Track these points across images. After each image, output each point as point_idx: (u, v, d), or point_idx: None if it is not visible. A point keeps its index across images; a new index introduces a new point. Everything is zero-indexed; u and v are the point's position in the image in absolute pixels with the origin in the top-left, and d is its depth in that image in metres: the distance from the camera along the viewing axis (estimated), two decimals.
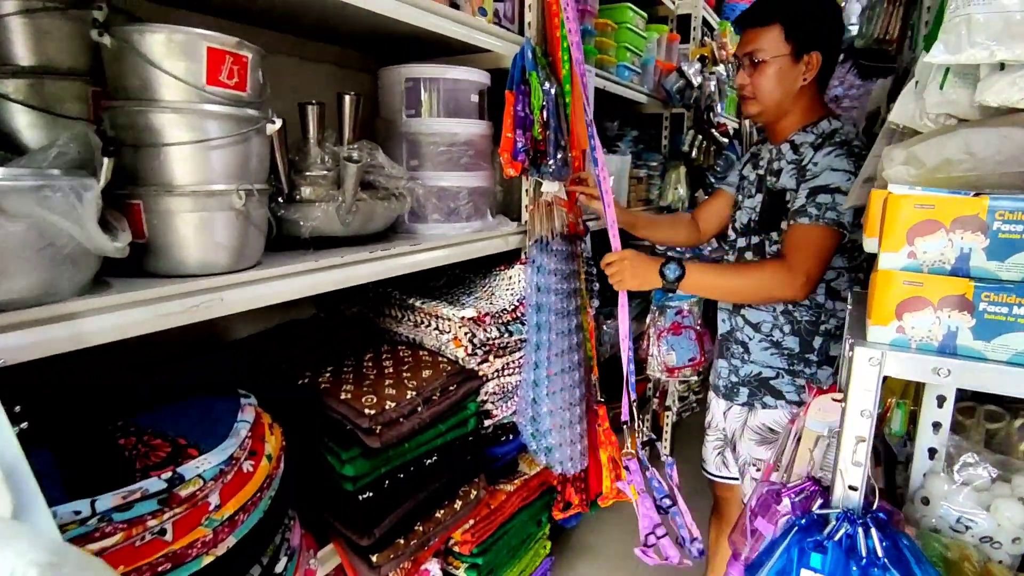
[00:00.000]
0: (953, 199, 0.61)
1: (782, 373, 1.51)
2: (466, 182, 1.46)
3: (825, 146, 1.36)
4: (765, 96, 1.44)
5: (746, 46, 1.44)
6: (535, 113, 1.49)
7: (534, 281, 1.49)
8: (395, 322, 1.52)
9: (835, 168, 1.32)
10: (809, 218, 1.32)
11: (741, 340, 1.57)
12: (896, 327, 0.64)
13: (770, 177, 1.49)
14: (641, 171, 2.65)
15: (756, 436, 1.56)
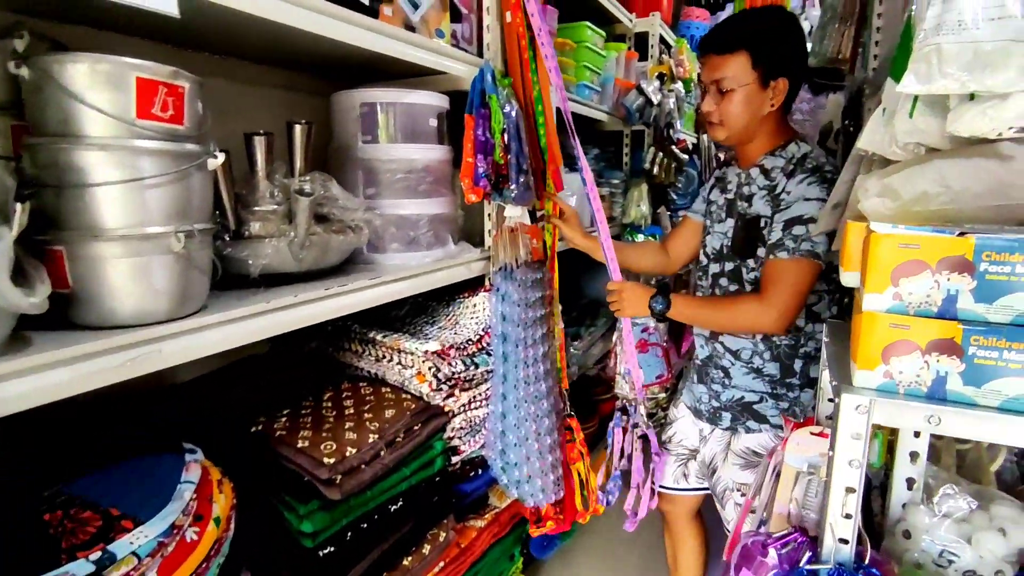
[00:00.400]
0: (938, 239, 0.59)
1: (765, 397, 1.50)
2: (426, 209, 1.40)
3: (797, 173, 1.37)
4: (733, 122, 1.44)
5: (712, 73, 1.42)
6: (496, 137, 1.45)
7: (499, 310, 1.44)
8: (356, 357, 1.44)
9: (808, 197, 1.33)
10: (787, 252, 1.33)
11: (722, 366, 1.56)
12: (883, 372, 0.61)
13: (741, 202, 1.49)
14: (604, 189, 2.64)
15: (740, 460, 1.54)
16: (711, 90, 1.44)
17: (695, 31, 3.64)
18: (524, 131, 1.56)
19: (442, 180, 1.45)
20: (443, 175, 1.46)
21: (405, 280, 1.31)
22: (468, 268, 1.53)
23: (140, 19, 0.96)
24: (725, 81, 1.40)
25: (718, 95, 1.42)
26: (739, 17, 1.49)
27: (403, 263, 1.38)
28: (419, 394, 1.32)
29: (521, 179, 1.49)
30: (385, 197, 1.37)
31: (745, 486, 1.52)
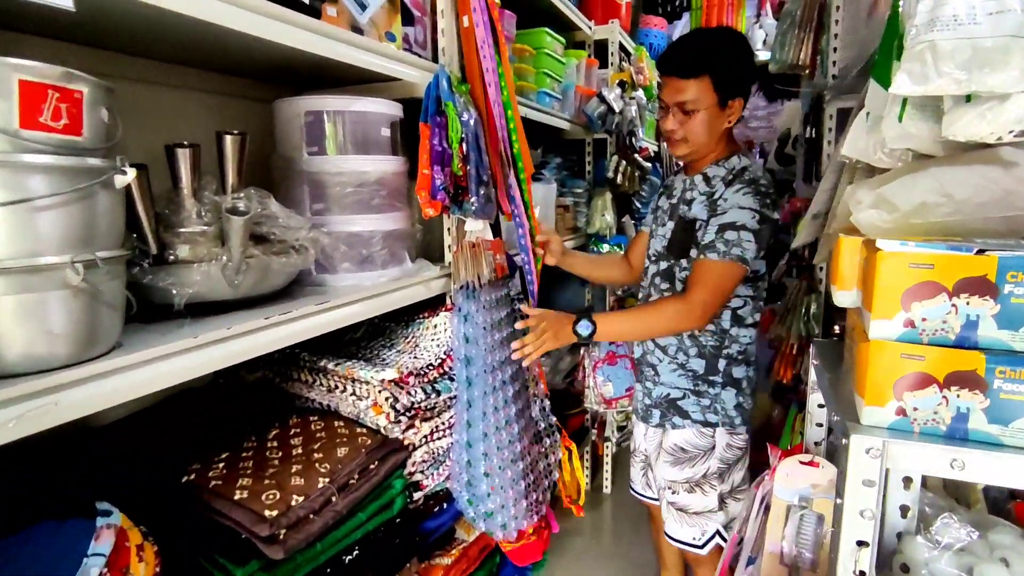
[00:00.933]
0: (955, 257, 0.52)
1: (688, 393, 1.58)
2: (380, 225, 1.30)
3: (735, 183, 1.46)
4: (695, 140, 1.51)
5: (676, 95, 1.48)
6: (454, 147, 1.36)
7: (461, 332, 1.34)
8: (306, 387, 1.32)
9: (742, 206, 1.42)
10: (717, 254, 1.42)
11: (652, 363, 1.64)
12: (895, 408, 0.54)
13: (683, 206, 1.58)
14: (567, 199, 2.58)
15: (669, 457, 1.61)
16: (674, 110, 1.50)
17: (653, 39, 3.63)
18: (484, 140, 1.47)
19: (397, 193, 1.35)
20: (398, 188, 1.36)
21: (358, 303, 1.20)
22: (427, 287, 1.43)
23: (37, 15, 0.83)
24: (689, 103, 1.47)
25: (681, 115, 1.49)
26: (698, 39, 1.54)
27: (356, 284, 1.27)
28: (376, 427, 1.21)
29: (481, 191, 1.40)
30: (334, 213, 1.26)
31: (675, 483, 1.60)
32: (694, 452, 1.58)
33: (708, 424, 1.57)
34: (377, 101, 1.28)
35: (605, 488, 3.17)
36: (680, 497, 1.60)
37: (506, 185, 1.54)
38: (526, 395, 1.61)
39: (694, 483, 1.58)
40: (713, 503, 1.58)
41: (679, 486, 1.59)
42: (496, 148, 1.51)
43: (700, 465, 1.58)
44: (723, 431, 1.57)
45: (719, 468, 1.57)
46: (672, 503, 1.61)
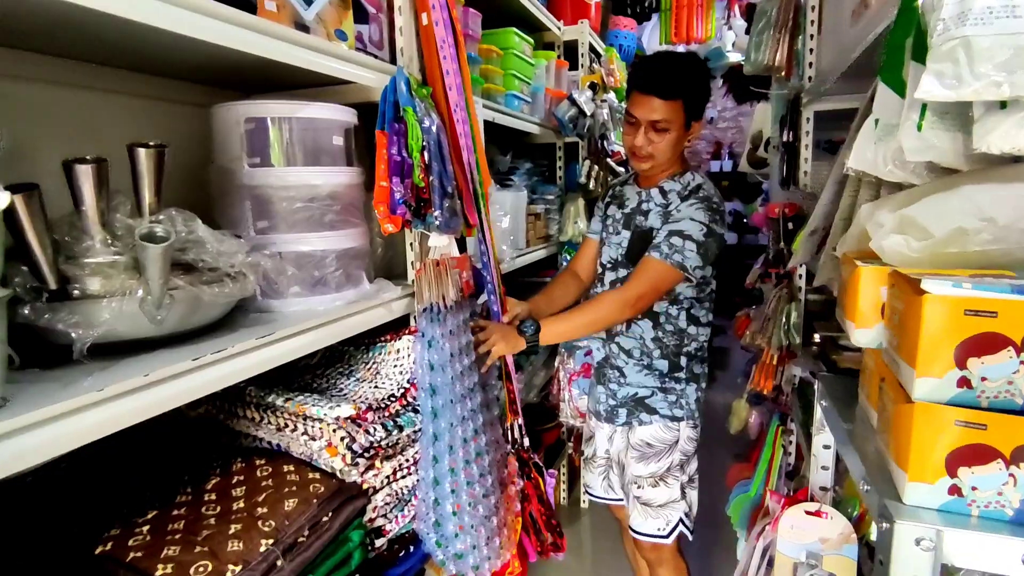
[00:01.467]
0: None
1: (656, 391, 1.67)
2: (333, 244, 1.17)
3: (690, 198, 1.57)
4: (662, 156, 1.58)
5: (651, 113, 1.53)
6: (414, 156, 1.24)
7: (425, 359, 1.22)
8: (253, 425, 1.19)
9: (693, 218, 1.53)
10: (660, 254, 1.52)
11: (616, 365, 1.71)
12: (948, 486, 0.44)
13: (639, 217, 1.66)
14: (538, 206, 2.48)
15: (636, 453, 1.69)
16: (646, 127, 1.55)
17: (623, 40, 3.55)
18: (448, 148, 1.35)
19: (352, 208, 1.22)
20: (353, 202, 1.23)
21: (309, 332, 1.07)
22: (388, 309, 1.30)
23: None
24: (662, 123, 1.53)
25: (653, 133, 1.55)
26: (674, 63, 1.55)
27: (307, 309, 1.14)
28: (331, 470, 1.08)
29: (446, 204, 1.29)
30: (281, 231, 1.13)
31: (641, 479, 1.69)
32: (660, 447, 1.67)
33: (675, 419, 1.67)
34: (327, 107, 1.15)
35: (583, 502, 3.08)
36: (645, 492, 1.69)
37: (472, 196, 1.43)
38: (497, 424, 1.50)
39: (658, 477, 1.67)
40: (676, 493, 1.68)
41: (644, 480, 1.68)
42: (459, 157, 1.39)
43: (665, 459, 1.68)
44: (686, 424, 1.68)
45: (680, 460, 1.68)
46: (638, 498, 1.70)
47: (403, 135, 1.23)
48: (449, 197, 1.31)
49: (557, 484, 3.02)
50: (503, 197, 2.12)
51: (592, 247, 1.87)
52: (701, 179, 1.63)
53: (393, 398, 1.23)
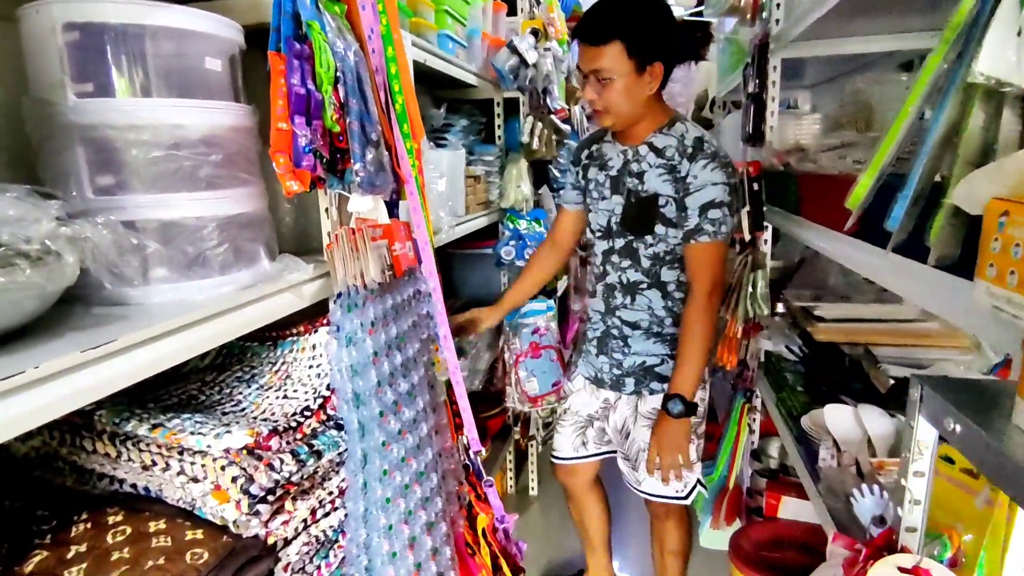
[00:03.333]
0: None
1: (665, 359, 1.62)
2: (213, 208, 0.85)
3: (699, 158, 1.45)
4: (617, 110, 1.47)
5: (590, 63, 1.43)
6: (324, 89, 0.92)
7: (343, 360, 0.93)
8: (109, 461, 0.86)
9: (715, 182, 1.44)
10: (709, 236, 1.46)
11: (622, 335, 1.65)
12: None
13: (630, 179, 1.54)
14: (477, 168, 2.19)
15: (648, 421, 1.64)
16: (591, 79, 1.45)
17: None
18: (369, 85, 1.05)
19: (241, 160, 0.90)
20: (242, 152, 0.91)
21: (178, 334, 0.76)
22: (297, 294, 1.00)
23: None
24: (603, 72, 1.42)
25: (598, 84, 1.44)
26: (609, 4, 1.44)
27: (180, 300, 0.82)
28: (221, 522, 0.79)
29: (369, 154, 0.98)
30: (135, 190, 0.80)
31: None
32: None
33: None
34: (194, 12, 0.82)
35: (532, 490, 2.88)
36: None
37: (399, 149, 1.13)
38: (446, 430, 1.23)
39: None
40: (694, 455, 1.63)
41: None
42: (379, 98, 1.09)
43: None
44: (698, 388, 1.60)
45: (695, 423, 1.61)
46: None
47: (308, 60, 0.91)
48: (374, 146, 1.01)
49: (503, 474, 2.81)
50: (438, 156, 1.83)
51: (568, 219, 1.78)
52: (695, 129, 1.51)
53: (308, 412, 0.93)
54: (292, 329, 1.13)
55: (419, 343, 1.14)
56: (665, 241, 1.52)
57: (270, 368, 1.09)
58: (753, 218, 1.88)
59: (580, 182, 1.69)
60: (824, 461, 1.15)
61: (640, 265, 1.56)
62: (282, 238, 1.21)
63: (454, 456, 1.35)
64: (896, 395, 1.36)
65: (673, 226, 1.51)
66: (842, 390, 1.41)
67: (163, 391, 1.01)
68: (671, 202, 1.48)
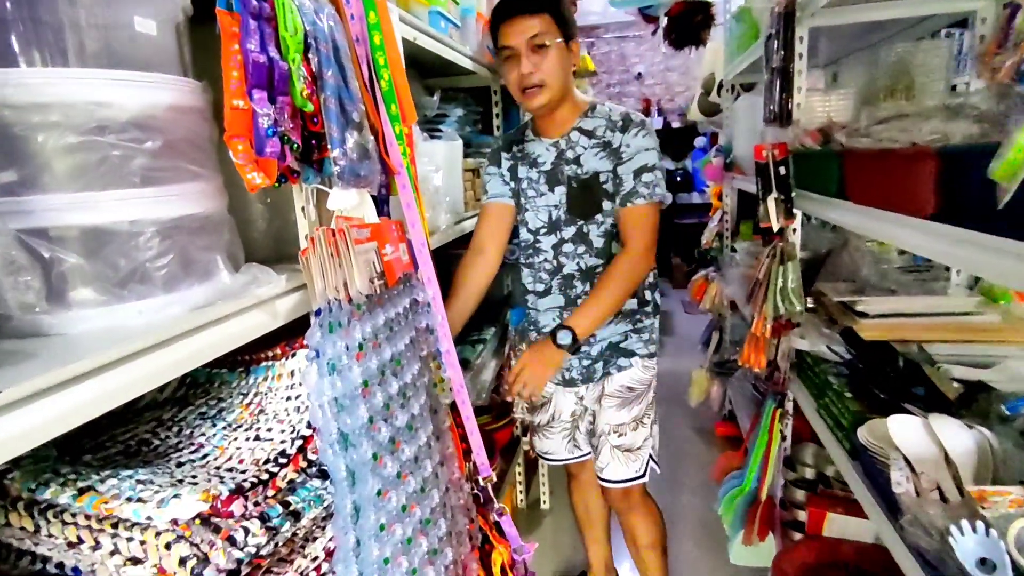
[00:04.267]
0: None
1: (629, 334, 1.62)
2: (153, 210, 0.67)
3: (630, 128, 1.49)
4: (553, 82, 1.44)
5: (526, 32, 1.41)
6: (291, 58, 0.74)
7: (326, 394, 0.75)
8: (28, 535, 0.68)
9: (647, 148, 1.49)
10: (643, 198, 1.48)
11: None
12: None
13: (567, 166, 1.55)
14: (474, 160, 2.00)
15: (616, 400, 1.63)
16: (524, 51, 1.42)
17: None
18: (349, 56, 0.87)
19: (187, 148, 0.72)
20: (190, 137, 0.73)
21: (105, 372, 0.58)
22: (269, 312, 0.82)
23: None
24: (540, 36, 1.40)
25: (534, 55, 1.42)
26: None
27: (111, 327, 0.65)
28: None
29: (350, 138, 0.81)
30: (45, 189, 0.62)
31: (621, 426, 1.62)
32: (640, 388, 1.63)
33: (651, 355, 1.64)
34: None
35: (543, 503, 2.71)
36: (626, 438, 1.63)
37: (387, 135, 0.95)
38: (453, 459, 1.06)
39: (639, 420, 1.63)
40: (649, 431, 1.66)
41: (626, 427, 1.62)
42: (361, 74, 0.91)
43: (645, 399, 1.64)
44: (655, 360, 1.66)
45: (651, 397, 1.67)
46: (618, 446, 1.63)
47: (270, 22, 0.73)
48: (356, 129, 0.83)
49: (513, 488, 2.63)
50: (433, 149, 1.65)
51: (496, 212, 1.65)
52: (616, 106, 1.55)
53: (284, 458, 0.76)
54: (268, 352, 0.95)
55: (419, 363, 0.96)
56: (613, 216, 1.54)
57: (240, 401, 0.91)
58: (782, 205, 1.71)
59: (509, 182, 1.64)
60: (899, 486, 0.98)
61: (593, 247, 1.56)
62: (254, 244, 1.04)
63: (463, 488, 1.17)
64: (967, 402, 1.18)
65: (612, 200, 1.53)
66: (903, 396, 1.23)
67: (107, 436, 0.83)
68: (610, 177, 1.51)
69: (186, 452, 0.79)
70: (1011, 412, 1.00)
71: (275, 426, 0.84)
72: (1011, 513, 0.81)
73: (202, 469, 0.75)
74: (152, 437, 0.83)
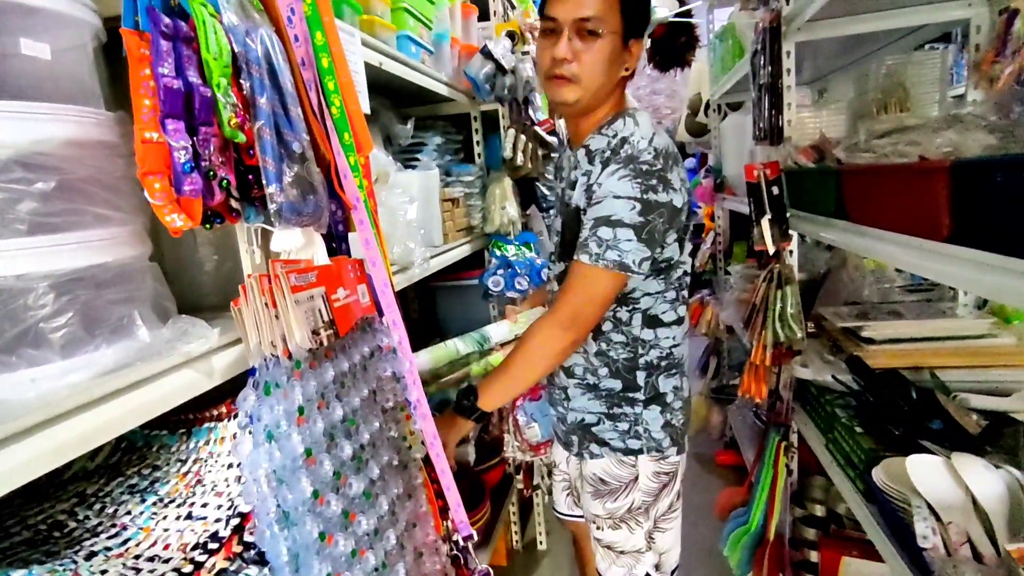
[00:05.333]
0: None
1: (603, 418, 1.34)
2: (47, 262, 0.58)
3: (611, 163, 1.16)
4: (591, 78, 1.18)
5: (578, 9, 1.14)
6: (216, 82, 0.65)
7: (260, 467, 0.64)
8: None
9: (618, 195, 1.13)
10: (589, 256, 1.14)
11: (562, 385, 1.40)
12: None
13: (567, 192, 1.30)
14: (455, 189, 1.92)
15: (591, 488, 1.39)
16: (568, 32, 1.16)
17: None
18: (291, 80, 0.78)
19: (93, 188, 0.63)
20: (97, 177, 0.64)
21: None
22: (203, 370, 0.72)
23: None
24: (593, 21, 1.14)
25: (579, 41, 1.16)
26: None
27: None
28: None
29: (289, 173, 0.71)
30: None
31: (598, 518, 1.39)
32: (615, 484, 1.35)
33: (629, 452, 1.32)
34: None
35: (540, 543, 2.57)
36: (605, 533, 1.39)
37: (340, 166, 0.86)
38: (422, 526, 0.95)
39: (618, 519, 1.36)
40: (640, 542, 1.37)
41: (602, 521, 1.38)
42: (307, 100, 0.82)
43: (623, 499, 1.36)
44: (648, 458, 1.32)
45: (644, 502, 1.34)
46: (598, 540, 1.41)
47: (189, 43, 0.65)
48: (296, 162, 0.74)
49: (507, 529, 2.50)
50: (408, 179, 1.57)
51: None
52: (634, 126, 1.20)
53: (216, 541, 0.65)
54: (213, 411, 0.85)
55: (380, 418, 0.86)
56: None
57: (178, 469, 0.80)
58: (777, 227, 1.62)
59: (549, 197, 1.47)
60: (927, 540, 0.87)
61: None
62: (202, 289, 0.95)
63: (439, 551, 1.06)
64: (991, 437, 1.08)
65: None
66: (919, 432, 1.13)
67: (16, 518, 0.72)
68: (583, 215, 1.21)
69: (103, 539, 0.68)
70: None
71: (212, 500, 0.73)
72: None
73: (117, 560, 0.64)
74: (68, 518, 0.72)
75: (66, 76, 0.62)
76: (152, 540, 0.68)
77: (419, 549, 0.98)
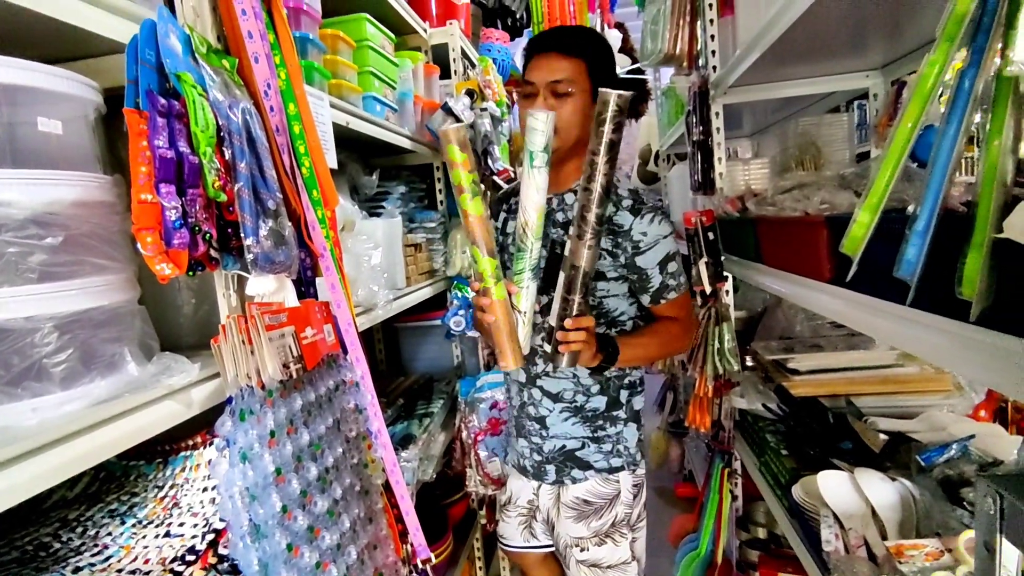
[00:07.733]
0: None
1: (587, 442, 1.45)
2: (52, 306, 0.67)
3: (645, 214, 1.34)
4: (567, 130, 1.34)
5: (554, 72, 1.33)
6: (202, 152, 0.77)
7: (235, 484, 0.73)
8: None
9: (664, 235, 1.35)
10: (677, 291, 1.38)
11: (537, 416, 1.48)
12: None
13: (553, 229, 1.41)
14: (418, 235, 2.04)
15: (573, 512, 1.47)
16: (544, 93, 1.34)
17: (496, 54, 3.25)
18: (269, 145, 0.90)
19: (94, 242, 0.73)
20: (97, 232, 0.73)
21: None
22: (183, 401, 0.80)
23: None
24: (565, 83, 1.32)
25: (553, 99, 1.33)
26: (575, 28, 1.44)
27: (2, 426, 0.63)
28: None
29: (264, 227, 0.82)
30: None
31: (582, 540, 1.46)
32: (600, 503, 1.45)
33: (613, 470, 1.45)
34: (12, 64, 0.66)
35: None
36: (591, 553, 1.46)
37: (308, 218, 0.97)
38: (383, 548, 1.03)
39: (603, 535, 1.45)
40: (626, 553, 1.46)
41: (587, 541, 1.46)
42: (280, 162, 0.94)
43: (607, 514, 1.45)
44: (626, 474, 1.46)
45: (625, 514, 1.46)
46: (583, 561, 1.47)
47: (180, 118, 0.76)
48: (271, 217, 0.85)
49: (471, 565, 2.53)
50: (372, 227, 1.68)
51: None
52: (626, 180, 1.45)
53: (193, 555, 0.73)
54: (189, 440, 0.93)
55: (343, 445, 0.95)
56: (592, 295, 1.38)
57: (155, 495, 0.88)
58: (712, 268, 1.78)
59: (498, 237, 1.54)
60: (829, 544, 0.99)
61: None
62: (179, 330, 1.03)
63: (399, 572, 1.13)
64: (890, 454, 1.22)
65: (604, 280, 1.37)
66: (831, 451, 1.27)
67: (4, 541, 0.78)
68: (619, 261, 1.36)
69: (87, 556, 0.75)
70: (927, 463, 1.04)
71: (188, 520, 0.81)
72: (927, 566, 0.83)
73: (101, 574, 0.71)
74: (53, 540, 0.79)
75: (73, 145, 0.72)
76: (133, 556, 0.75)
77: (380, 570, 1.05)
